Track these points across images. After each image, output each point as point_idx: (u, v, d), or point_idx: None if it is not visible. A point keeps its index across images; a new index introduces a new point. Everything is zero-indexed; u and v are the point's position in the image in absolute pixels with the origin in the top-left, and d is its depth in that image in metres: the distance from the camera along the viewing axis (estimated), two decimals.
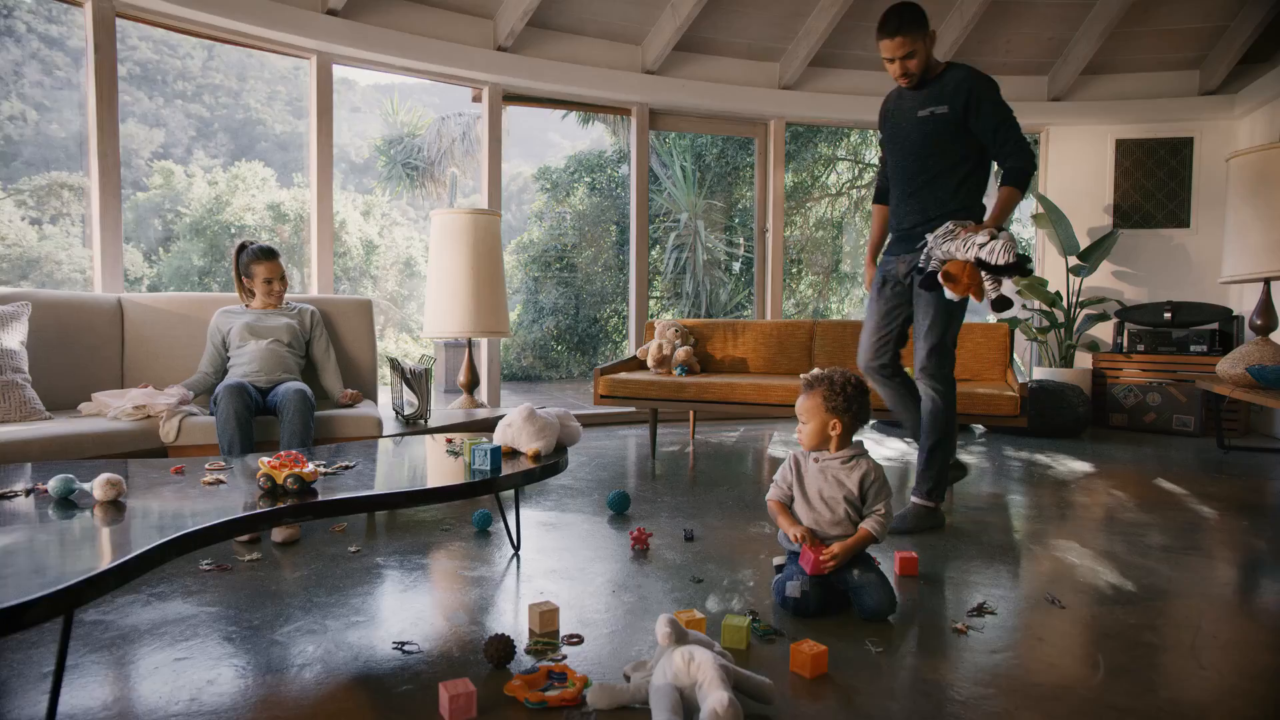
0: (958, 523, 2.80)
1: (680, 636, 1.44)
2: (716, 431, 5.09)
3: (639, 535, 2.43)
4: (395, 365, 3.39)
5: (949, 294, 2.44)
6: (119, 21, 3.57)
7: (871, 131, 11.36)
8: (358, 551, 2.37)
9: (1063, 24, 5.33)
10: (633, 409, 5.10)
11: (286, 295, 3.25)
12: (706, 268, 11.18)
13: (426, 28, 4.51)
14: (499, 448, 1.95)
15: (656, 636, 1.44)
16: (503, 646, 1.58)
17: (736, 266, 11.89)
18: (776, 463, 4.04)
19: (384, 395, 4.13)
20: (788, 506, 2.06)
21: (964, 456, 4.16)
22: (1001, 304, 2.43)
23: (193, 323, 3.28)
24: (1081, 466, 3.92)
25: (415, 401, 3.29)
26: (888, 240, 2.88)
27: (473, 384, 4.50)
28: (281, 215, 15.09)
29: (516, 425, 2.09)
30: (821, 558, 1.88)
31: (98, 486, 1.54)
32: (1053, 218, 5.51)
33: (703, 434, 4.97)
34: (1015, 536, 2.66)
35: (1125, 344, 5.37)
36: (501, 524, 2.69)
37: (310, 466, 1.68)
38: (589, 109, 5.72)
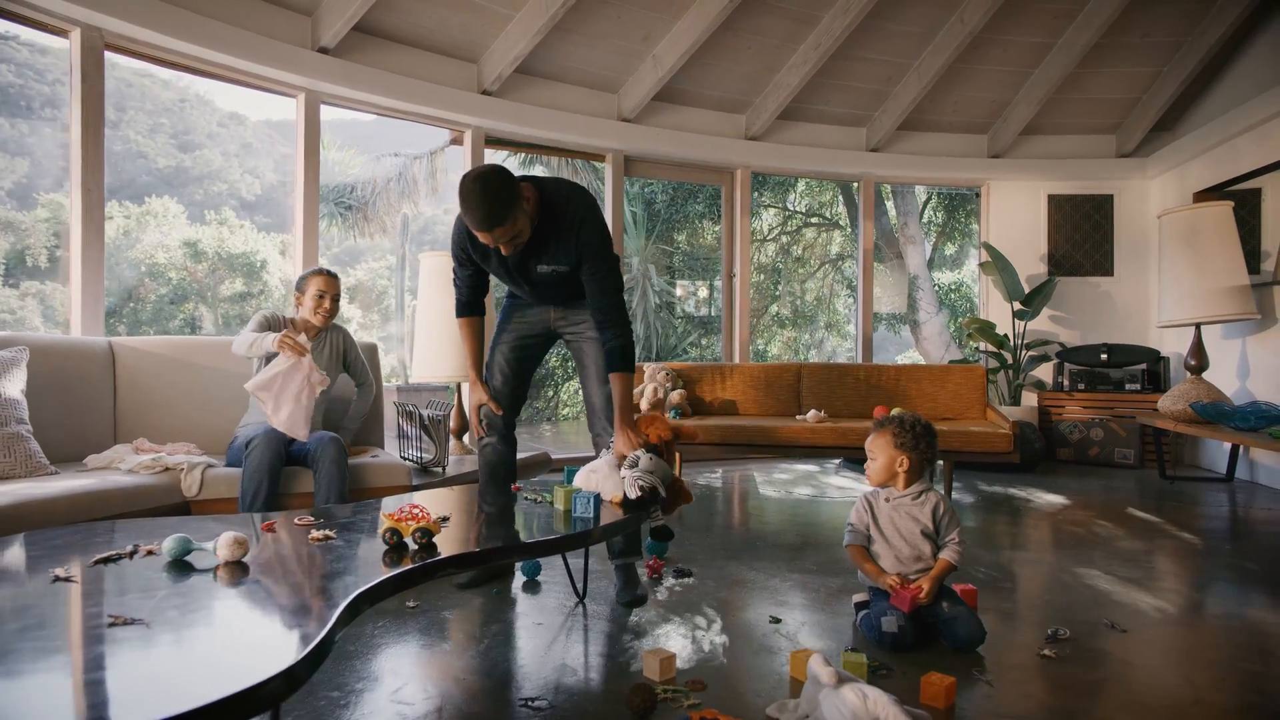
0: (978, 554, 2.93)
1: (843, 676, 1.47)
2: (700, 472, 5.13)
3: (654, 565, 2.64)
4: (411, 413, 3.30)
5: None
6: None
7: (815, 182, 11.89)
8: (416, 606, 2.28)
9: (1005, 88, 5.80)
10: None
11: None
12: (655, 311, 11.33)
13: (414, 69, 4.48)
14: (598, 495, 1.94)
15: (818, 677, 1.46)
16: (647, 696, 1.57)
17: (688, 307, 12.09)
18: (781, 503, 4.12)
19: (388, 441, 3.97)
20: (866, 550, 2.14)
21: (956, 496, 4.34)
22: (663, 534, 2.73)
23: (189, 369, 3.10)
24: (1055, 499, 4.18)
25: (434, 449, 3.20)
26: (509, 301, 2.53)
27: (463, 430, 4.40)
28: (198, 254, 14.36)
29: (602, 473, 2.08)
30: (915, 591, 1.96)
31: (223, 546, 1.45)
32: (999, 265, 5.92)
33: (686, 475, 5.00)
34: (1038, 566, 2.81)
35: (1067, 383, 5.77)
36: (548, 572, 2.64)
37: (433, 518, 1.63)
38: (567, 154, 5.79)
